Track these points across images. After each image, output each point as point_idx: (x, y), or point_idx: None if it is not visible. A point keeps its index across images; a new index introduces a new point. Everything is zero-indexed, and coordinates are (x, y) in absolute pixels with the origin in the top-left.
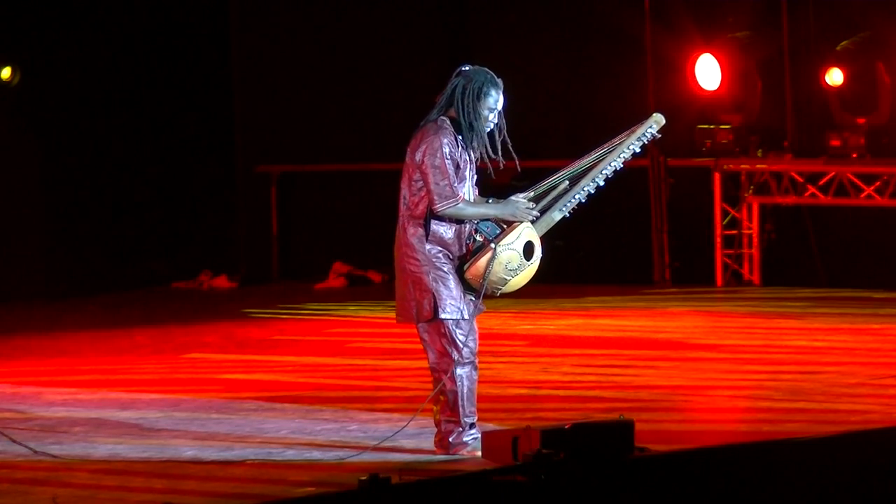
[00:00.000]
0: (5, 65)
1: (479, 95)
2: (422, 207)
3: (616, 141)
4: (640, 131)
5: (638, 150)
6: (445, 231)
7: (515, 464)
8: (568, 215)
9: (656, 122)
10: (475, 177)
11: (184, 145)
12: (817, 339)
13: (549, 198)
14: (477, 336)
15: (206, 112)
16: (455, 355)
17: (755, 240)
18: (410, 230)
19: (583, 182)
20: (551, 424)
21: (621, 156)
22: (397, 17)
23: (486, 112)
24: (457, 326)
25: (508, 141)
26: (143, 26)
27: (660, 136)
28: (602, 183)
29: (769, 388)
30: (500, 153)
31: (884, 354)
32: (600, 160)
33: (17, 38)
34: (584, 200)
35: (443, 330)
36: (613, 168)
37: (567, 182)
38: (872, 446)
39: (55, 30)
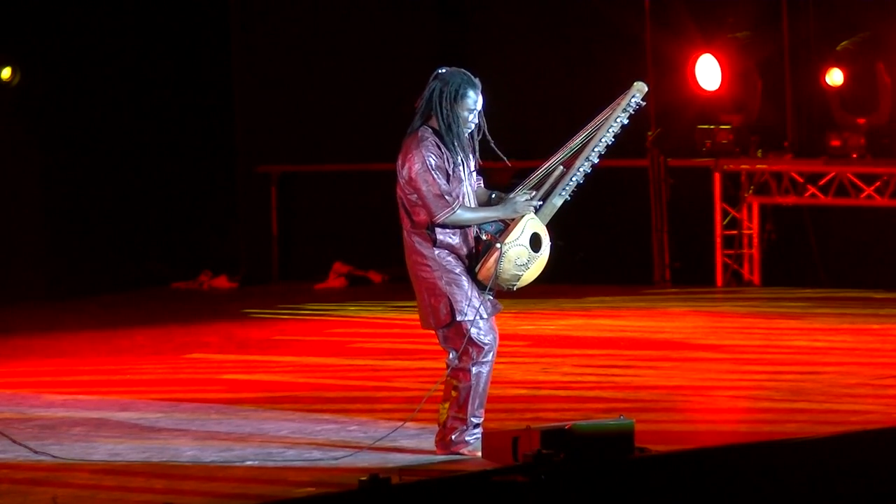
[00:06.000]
0: (5, 65)
1: (457, 97)
2: (423, 216)
3: (602, 116)
4: (624, 102)
5: (626, 121)
6: (451, 236)
7: (515, 464)
8: (569, 198)
9: (639, 90)
10: (473, 174)
11: (184, 145)
12: (817, 339)
13: (547, 185)
14: (497, 335)
15: (207, 112)
16: (475, 354)
17: (755, 240)
18: (416, 238)
19: (577, 163)
20: (551, 424)
21: (610, 130)
22: (397, 16)
23: (465, 113)
24: (475, 326)
25: (490, 139)
26: (143, 26)
27: (644, 104)
28: (596, 160)
29: (769, 388)
30: (477, 152)
31: (884, 354)
32: (591, 138)
33: (17, 38)
34: (581, 181)
35: (462, 332)
36: (605, 144)
37: (561, 167)
38: (872, 446)
39: (55, 30)
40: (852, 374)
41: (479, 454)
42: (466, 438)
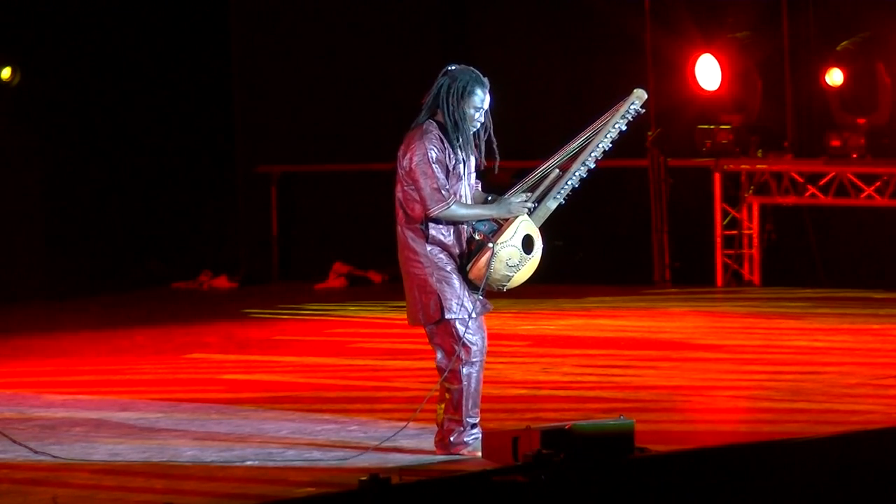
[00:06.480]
0: (5, 65)
1: (464, 94)
2: (418, 211)
3: (600, 122)
4: (623, 109)
5: (624, 128)
6: (444, 233)
7: (515, 464)
8: (563, 202)
9: (638, 97)
10: (472, 174)
11: (184, 145)
12: (817, 339)
13: (543, 187)
14: (486, 335)
15: (207, 112)
16: (463, 354)
17: (755, 240)
18: (410, 234)
19: (574, 167)
20: (551, 424)
21: (608, 136)
22: (397, 16)
23: (471, 111)
24: (464, 325)
25: (494, 140)
26: (143, 26)
27: (643, 111)
28: (593, 165)
29: (769, 388)
30: (483, 153)
31: (884, 354)
32: (588, 143)
33: (17, 38)
34: (577, 185)
35: (450, 330)
36: (602, 149)
37: (557, 170)
38: (872, 446)
39: (55, 30)
40: (852, 374)
41: (479, 454)
42: (465, 439)
